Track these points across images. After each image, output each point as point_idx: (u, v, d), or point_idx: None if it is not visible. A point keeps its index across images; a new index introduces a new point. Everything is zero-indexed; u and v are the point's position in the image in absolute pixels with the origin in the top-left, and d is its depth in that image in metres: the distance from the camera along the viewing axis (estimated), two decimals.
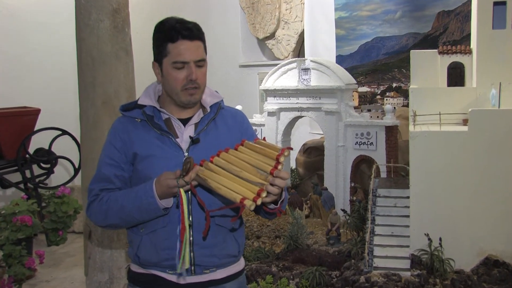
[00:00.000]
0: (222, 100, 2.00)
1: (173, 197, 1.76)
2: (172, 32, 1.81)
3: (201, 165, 1.71)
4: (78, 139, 4.52)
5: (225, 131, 1.93)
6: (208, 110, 1.95)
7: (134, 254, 1.90)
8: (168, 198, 1.75)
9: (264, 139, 1.79)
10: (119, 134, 1.90)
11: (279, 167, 1.61)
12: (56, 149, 6.14)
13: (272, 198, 1.59)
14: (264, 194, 1.55)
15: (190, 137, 1.87)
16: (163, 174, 1.72)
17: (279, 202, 1.71)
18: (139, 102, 1.92)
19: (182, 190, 1.68)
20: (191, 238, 1.82)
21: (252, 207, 1.53)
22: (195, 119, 1.92)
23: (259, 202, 1.54)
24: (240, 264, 2.01)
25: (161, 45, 1.84)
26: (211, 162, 1.71)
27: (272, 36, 6.57)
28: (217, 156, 1.73)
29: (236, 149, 1.75)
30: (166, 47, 1.83)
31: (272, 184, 1.58)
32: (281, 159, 1.62)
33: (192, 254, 1.83)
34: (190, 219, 1.82)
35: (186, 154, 1.84)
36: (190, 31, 1.82)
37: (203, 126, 1.90)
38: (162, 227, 1.83)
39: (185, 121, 1.92)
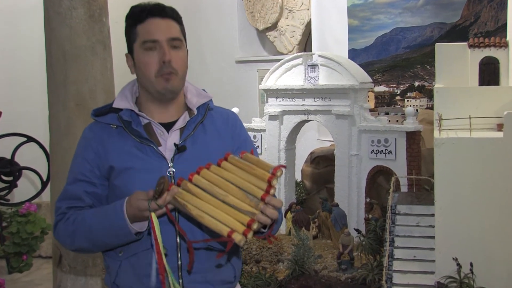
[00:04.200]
0: (211, 100, 2.02)
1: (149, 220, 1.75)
2: (141, 13, 1.88)
3: (178, 185, 1.70)
4: (47, 147, 4.53)
5: (215, 136, 1.95)
6: (195, 112, 1.96)
7: (112, 282, 1.91)
8: (142, 222, 1.74)
9: (252, 152, 1.77)
10: (90, 144, 1.91)
11: (271, 191, 1.60)
12: (20, 159, 6.12)
13: (261, 225, 1.60)
14: (255, 226, 1.56)
15: (175, 144, 1.88)
16: (134, 193, 1.72)
17: (270, 226, 1.68)
18: (114, 105, 1.93)
19: (153, 215, 1.67)
20: (179, 262, 1.83)
21: (242, 243, 1.53)
22: (180, 123, 1.94)
23: (250, 235, 1.54)
24: None
25: (130, 31, 1.91)
26: (190, 181, 1.69)
27: (274, 27, 6.61)
28: (197, 174, 1.71)
29: (219, 165, 1.74)
30: (135, 31, 1.89)
31: (262, 212, 1.58)
32: (274, 182, 1.61)
33: (180, 280, 1.83)
34: (178, 240, 1.83)
35: (170, 164, 1.85)
36: (161, 9, 1.88)
37: (189, 131, 1.91)
38: (145, 250, 1.84)
39: (168, 126, 1.93)
